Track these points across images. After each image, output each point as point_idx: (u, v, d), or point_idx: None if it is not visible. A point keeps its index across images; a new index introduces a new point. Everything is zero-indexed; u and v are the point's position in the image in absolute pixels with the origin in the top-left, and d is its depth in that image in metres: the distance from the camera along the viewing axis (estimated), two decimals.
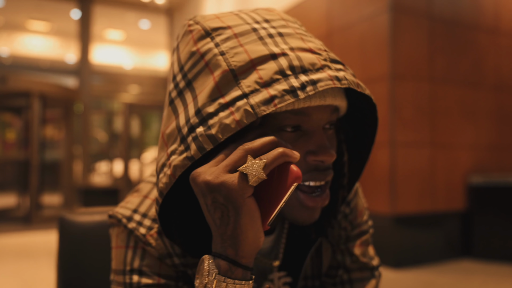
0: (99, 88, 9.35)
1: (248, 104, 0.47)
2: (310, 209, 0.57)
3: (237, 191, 0.45)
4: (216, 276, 0.47)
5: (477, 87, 4.01)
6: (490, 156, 4.06)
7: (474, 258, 3.76)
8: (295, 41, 0.53)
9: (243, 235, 0.47)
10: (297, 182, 0.46)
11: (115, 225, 0.63)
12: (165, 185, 0.52)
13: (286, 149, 0.47)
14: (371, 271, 0.73)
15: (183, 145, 0.50)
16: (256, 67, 0.50)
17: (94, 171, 9.46)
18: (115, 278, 0.62)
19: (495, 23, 4.16)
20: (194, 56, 0.54)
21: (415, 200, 3.59)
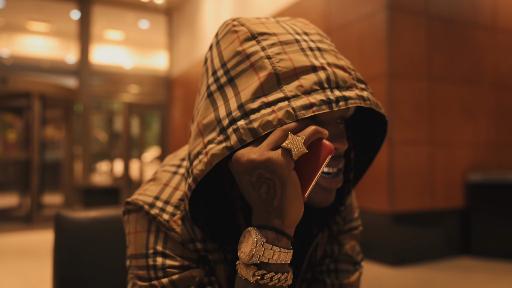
0: (99, 88, 9.37)
1: (290, 106, 0.52)
2: (326, 191, 0.62)
3: (282, 165, 0.50)
4: (264, 244, 0.51)
5: (475, 85, 4.02)
6: (489, 153, 4.07)
7: (473, 256, 3.78)
8: (330, 57, 0.59)
9: (289, 205, 0.51)
10: (331, 154, 0.52)
11: (132, 211, 0.66)
12: (200, 171, 0.55)
13: (318, 127, 0.53)
14: (355, 265, 0.79)
15: (222, 136, 0.54)
16: (298, 75, 0.55)
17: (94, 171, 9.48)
18: (136, 263, 0.63)
19: (493, 21, 4.17)
20: (239, 55, 0.58)
21: (414, 198, 3.60)
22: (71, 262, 0.93)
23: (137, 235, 0.64)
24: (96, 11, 8.54)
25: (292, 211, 0.52)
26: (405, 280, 3.09)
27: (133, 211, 0.66)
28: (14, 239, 4.87)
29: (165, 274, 0.61)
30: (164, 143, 9.01)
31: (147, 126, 10.49)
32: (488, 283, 3.00)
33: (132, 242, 0.65)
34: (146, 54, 10.26)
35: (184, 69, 8.38)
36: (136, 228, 0.65)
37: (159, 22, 9.31)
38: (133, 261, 0.64)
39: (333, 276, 0.76)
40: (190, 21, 8.23)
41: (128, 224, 0.67)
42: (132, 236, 0.65)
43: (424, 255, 3.64)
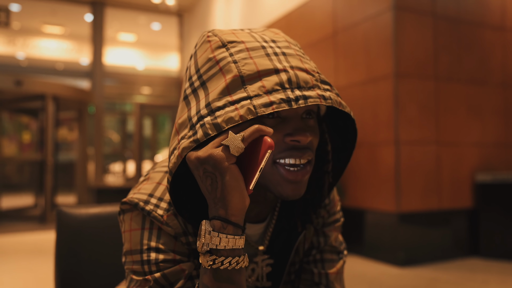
0: (112, 89, 9.50)
1: (251, 104, 0.58)
2: (292, 183, 0.65)
3: (221, 159, 0.56)
4: (211, 233, 0.57)
5: (483, 84, 3.99)
6: (497, 153, 4.03)
7: (481, 256, 3.75)
8: (295, 61, 0.64)
9: (230, 195, 0.57)
10: (270, 149, 0.56)
11: (127, 210, 0.70)
12: (173, 164, 0.61)
13: (260, 125, 0.58)
14: (339, 254, 0.84)
15: (191, 131, 0.60)
16: (261, 77, 0.61)
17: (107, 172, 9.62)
18: (131, 259, 0.68)
19: (502, 20, 4.13)
20: (211, 61, 0.64)
21: (421, 198, 3.60)
22: (72, 257, 0.98)
23: (132, 233, 0.69)
24: (109, 14, 8.67)
25: (233, 201, 0.57)
26: (410, 280, 3.10)
27: (128, 211, 0.70)
28: (29, 238, 4.99)
29: (158, 268, 0.66)
30: None
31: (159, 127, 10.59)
32: (493, 283, 2.98)
33: (127, 240, 0.69)
34: (158, 56, 10.36)
35: None
36: (131, 226, 0.69)
37: (171, 24, 9.41)
38: (128, 257, 0.69)
39: (319, 266, 0.82)
40: (201, 22, 8.31)
41: (123, 223, 0.71)
42: (127, 234, 0.70)
43: (431, 256, 3.63)
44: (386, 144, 3.59)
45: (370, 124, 3.73)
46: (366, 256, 3.78)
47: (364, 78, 3.82)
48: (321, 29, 4.43)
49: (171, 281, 0.65)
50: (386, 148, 3.59)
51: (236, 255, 0.59)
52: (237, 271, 0.59)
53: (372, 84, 3.74)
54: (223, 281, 0.58)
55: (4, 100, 6.70)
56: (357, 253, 3.87)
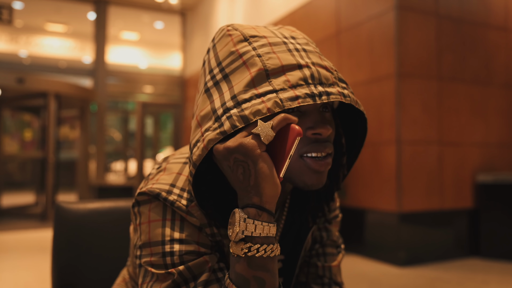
0: (114, 88, 9.51)
1: (278, 97, 0.59)
2: (317, 173, 0.66)
3: (253, 147, 0.56)
4: (247, 220, 0.57)
5: (486, 84, 3.97)
6: (500, 154, 4.02)
7: (482, 257, 3.73)
8: (315, 58, 0.65)
9: (264, 182, 0.57)
10: (299, 136, 0.57)
11: (145, 202, 0.69)
12: (198, 156, 0.61)
13: (287, 114, 0.59)
14: (337, 248, 0.88)
15: (217, 123, 0.60)
16: (285, 72, 0.61)
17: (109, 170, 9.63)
18: (149, 251, 0.66)
19: (506, 20, 4.11)
20: (233, 54, 0.64)
21: (423, 198, 3.58)
22: (70, 252, 0.97)
23: (152, 224, 0.67)
24: (112, 12, 8.68)
25: (267, 187, 0.57)
26: (411, 280, 3.08)
27: (145, 202, 0.69)
28: (30, 236, 5.00)
29: (182, 260, 0.64)
30: (177, 143, 9.09)
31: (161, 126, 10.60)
32: (494, 283, 2.97)
33: (145, 231, 0.67)
34: (160, 55, 10.37)
35: (198, 69, 8.45)
36: (149, 218, 0.68)
37: (174, 22, 9.41)
38: (146, 250, 0.67)
39: (322, 259, 0.84)
40: (204, 21, 8.31)
41: (139, 216, 0.70)
42: (145, 226, 0.68)
43: (433, 256, 3.61)
44: (388, 143, 3.58)
45: (374, 124, 3.72)
46: (367, 256, 3.77)
47: (368, 77, 3.81)
48: (324, 29, 4.42)
49: (195, 273, 0.64)
50: (388, 147, 3.58)
51: (270, 243, 0.59)
52: (271, 259, 0.59)
53: (375, 84, 3.73)
54: (258, 269, 0.58)
55: (6, 97, 6.71)
56: (358, 253, 3.85)
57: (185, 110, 9.08)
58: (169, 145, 10.28)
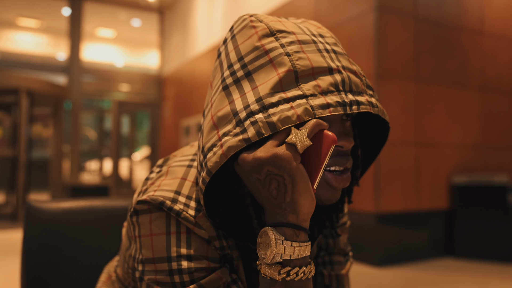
0: (90, 86, 9.30)
1: (308, 104, 0.53)
2: (334, 189, 0.61)
3: (289, 159, 0.51)
4: (284, 242, 0.52)
5: (462, 87, 4.06)
6: (474, 155, 4.10)
7: (457, 257, 3.80)
8: (344, 61, 0.60)
9: (302, 199, 0.52)
10: (334, 143, 0.53)
11: (144, 211, 0.62)
12: (214, 164, 0.54)
13: (318, 119, 0.53)
14: (345, 256, 0.83)
15: (239, 128, 0.54)
16: (315, 75, 0.56)
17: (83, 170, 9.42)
18: (154, 267, 0.60)
19: (480, 25, 4.21)
20: (258, 50, 0.58)
21: (400, 199, 3.62)
22: (41, 254, 0.92)
23: (154, 238, 0.60)
24: (87, 8, 8.48)
25: (304, 204, 0.52)
26: (388, 280, 3.11)
27: (145, 212, 0.61)
28: (0, 237, 4.82)
29: (192, 278, 0.59)
30: (154, 142, 8.96)
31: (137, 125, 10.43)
32: (468, 282, 3.02)
33: (147, 245, 0.61)
34: (137, 53, 10.21)
35: (176, 68, 8.36)
36: (151, 230, 0.61)
37: (151, 20, 9.27)
38: (149, 266, 0.60)
39: (328, 268, 0.80)
40: (182, 20, 8.21)
41: (138, 226, 0.62)
42: (146, 239, 0.61)
43: (409, 256, 3.65)
44: None
45: None
46: None
47: None
48: None
49: None
50: None
51: (307, 263, 0.54)
52: (308, 280, 0.54)
53: None
54: None
55: None
56: None
57: (162, 109, 8.96)
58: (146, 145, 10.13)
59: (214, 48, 6.60)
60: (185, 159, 0.68)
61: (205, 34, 7.07)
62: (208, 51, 6.82)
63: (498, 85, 4.31)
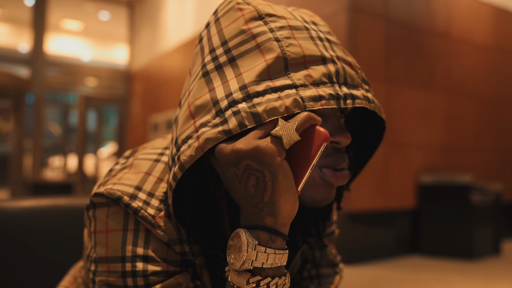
0: (54, 79, 8.98)
1: (298, 95, 0.48)
2: (331, 187, 0.56)
3: (272, 153, 0.45)
4: (257, 247, 0.45)
5: (430, 89, 4.16)
6: (440, 156, 4.22)
7: (422, 254, 3.90)
8: (339, 51, 0.55)
9: (283, 200, 0.46)
10: (326, 142, 0.47)
11: (102, 205, 0.56)
12: (189, 158, 0.48)
13: (310, 113, 0.48)
14: (334, 268, 0.76)
15: (218, 118, 0.48)
16: (307, 64, 0.51)
17: (46, 166, 9.10)
18: (105, 268, 0.54)
19: (447, 29, 4.33)
20: (244, 34, 0.53)
21: (369, 198, 3.67)
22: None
23: (110, 235, 0.55)
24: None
25: (285, 206, 0.46)
26: (356, 278, 3.15)
27: (102, 205, 0.56)
28: None
29: (147, 282, 0.53)
30: (121, 138, 8.76)
31: (104, 120, 10.17)
32: (435, 279, 3.10)
33: (101, 243, 0.55)
34: (105, 47, 9.95)
35: (145, 64, 8.19)
36: (107, 226, 0.55)
37: (120, 14, 9.04)
38: (102, 265, 0.55)
39: (315, 282, 0.73)
40: (152, 14, 8.05)
41: (94, 221, 0.57)
42: (101, 236, 0.55)
43: (376, 254, 3.72)
44: None
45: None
46: None
47: None
48: None
49: None
50: None
51: (282, 274, 0.48)
52: None
53: None
54: None
55: None
56: None
57: (130, 105, 8.77)
58: (113, 141, 9.89)
59: (185, 44, 6.51)
60: (154, 152, 0.62)
61: (175, 29, 6.96)
62: (179, 47, 6.71)
63: (462, 88, 4.44)
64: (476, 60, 4.56)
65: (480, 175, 4.44)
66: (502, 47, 4.83)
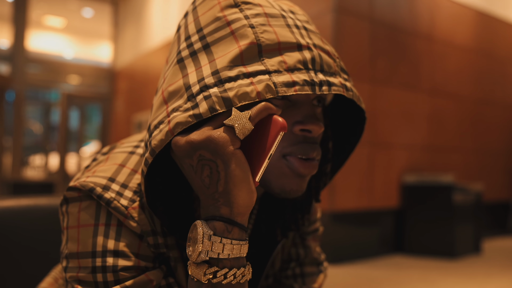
0: (35, 76, 8.81)
1: (271, 80, 0.48)
2: (301, 177, 0.56)
3: (224, 143, 0.45)
4: (212, 237, 0.45)
5: (414, 90, 4.21)
6: (423, 156, 4.27)
7: (406, 253, 3.95)
8: (316, 39, 0.55)
9: (236, 189, 0.46)
10: (283, 131, 0.47)
11: (74, 199, 0.55)
12: (159, 142, 0.48)
13: (267, 102, 0.48)
14: (318, 266, 0.76)
15: (190, 103, 0.48)
16: (281, 51, 0.51)
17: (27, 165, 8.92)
18: (76, 263, 0.53)
19: (430, 31, 4.38)
20: (219, 21, 0.53)
21: (354, 198, 3.70)
22: None
23: (81, 229, 0.54)
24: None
25: (240, 195, 0.46)
26: (341, 277, 3.16)
27: (75, 200, 0.55)
28: None
29: (117, 278, 0.52)
30: (105, 137, 8.64)
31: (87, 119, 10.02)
32: (418, 278, 3.14)
33: (73, 238, 0.54)
34: (88, 44, 9.80)
35: (129, 62, 8.10)
36: (79, 221, 0.54)
37: (104, 11, 8.91)
38: (73, 261, 0.54)
39: (299, 281, 0.73)
40: (137, 12, 7.96)
41: (66, 217, 0.56)
42: (73, 231, 0.54)
43: (360, 253, 3.74)
44: None
45: None
46: None
47: None
48: None
49: None
50: None
51: (241, 265, 0.47)
52: (241, 285, 0.47)
53: None
54: None
55: None
56: None
57: (114, 104, 8.66)
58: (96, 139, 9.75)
59: (169, 43, 6.45)
60: (129, 145, 0.62)
61: (160, 27, 6.89)
62: (164, 45, 6.65)
63: (445, 89, 4.51)
64: (458, 62, 4.64)
65: (462, 175, 4.51)
66: (483, 50, 4.92)
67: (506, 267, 3.51)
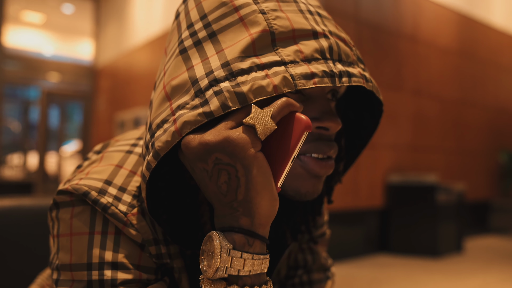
0: (13, 74, 8.58)
1: (288, 72, 0.43)
2: (316, 178, 0.51)
3: (245, 145, 0.40)
4: (231, 252, 0.40)
5: (398, 90, 4.24)
6: (407, 156, 4.31)
7: (390, 252, 3.98)
8: (331, 26, 0.50)
9: (259, 197, 0.41)
10: (307, 130, 0.42)
11: (65, 204, 0.50)
12: (165, 144, 0.43)
13: (289, 98, 0.43)
14: (325, 272, 0.71)
15: (198, 99, 0.43)
16: (296, 39, 0.46)
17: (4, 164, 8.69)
18: (69, 276, 0.48)
19: (414, 32, 4.43)
20: (226, 6, 0.47)
21: (338, 197, 3.70)
22: None
23: (74, 238, 0.48)
24: None
25: (262, 205, 0.41)
26: None
27: (66, 205, 0.50)
28: None
29: None
30: (86, 136, 8.49)
31: (68, 117, 9.82)
32: (402, 277, 3.16)
33: (65, 248, 0.49)
34: (69, 41, 9.60)
35: (111, 60, 7.96)
36: (71, 229, 0.49)
37: (85, 7, 8.75)
38: (65, 274, 0.49)
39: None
40: (119, 8, 7.83)
41: (57, 223, 0.51)
42: (65, 239, 0.49)
43: (345, 253, 3.75)
44: None
45: None
46: None
47: None
48: None
49: None
50: None
51: (262, 283, 0.42)
52: None
53: None
54: None
55: None
56: None
57: (95, 102, 8.51)
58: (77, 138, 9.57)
59: (153, 41, 6.36)
60: (126, 144, 0.56)
61: (143, 25, 6.79)
62: (147, 43, 6.55)
63: (428, 90, 4.56)
64: (441, 63, 4.70)
65: (444, 175, 4.57)
66: (464, 51, 5.00)
67: (487, 265, 3.57)
